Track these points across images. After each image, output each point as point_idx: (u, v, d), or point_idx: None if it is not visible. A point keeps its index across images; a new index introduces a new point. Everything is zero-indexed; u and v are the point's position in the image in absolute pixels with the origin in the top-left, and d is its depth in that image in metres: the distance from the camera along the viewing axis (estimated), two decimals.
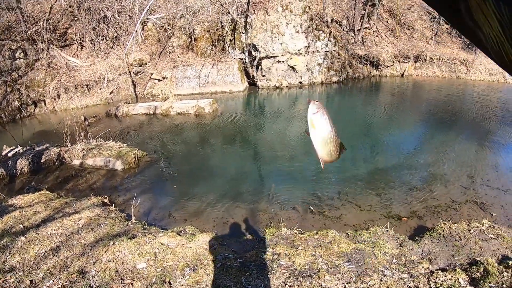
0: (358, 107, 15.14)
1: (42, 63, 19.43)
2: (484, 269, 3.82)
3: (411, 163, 8.70)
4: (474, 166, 8.30)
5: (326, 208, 6.81)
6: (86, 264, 4.62)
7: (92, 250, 4.98)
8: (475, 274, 3.82)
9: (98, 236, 5.41)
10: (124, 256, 4.72)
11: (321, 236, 5.17)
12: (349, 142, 10.68)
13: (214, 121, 14.10)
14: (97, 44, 20.92)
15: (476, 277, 3.74)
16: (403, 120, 12.90)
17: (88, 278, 4.22)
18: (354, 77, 19.85)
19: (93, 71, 19.94)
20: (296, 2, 19.14)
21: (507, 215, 6.17)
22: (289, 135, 11.79)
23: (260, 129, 12.91)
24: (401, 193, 7.22)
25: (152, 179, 8.95)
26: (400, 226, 5.98)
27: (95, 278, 4.23)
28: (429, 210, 6.44)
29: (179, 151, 10.92)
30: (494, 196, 6.80)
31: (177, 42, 21.01)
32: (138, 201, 7.25)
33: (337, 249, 4.70)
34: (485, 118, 12.02)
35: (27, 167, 9.94)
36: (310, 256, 4.54)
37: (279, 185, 8.03)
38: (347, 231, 5.61)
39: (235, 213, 6.85)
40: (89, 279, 4.21)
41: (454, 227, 5.16)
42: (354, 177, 8.20)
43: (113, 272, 4.33)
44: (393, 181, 7.84)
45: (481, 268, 3.88)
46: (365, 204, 6.89)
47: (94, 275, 4.27)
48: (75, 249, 5.04)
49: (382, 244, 4.80)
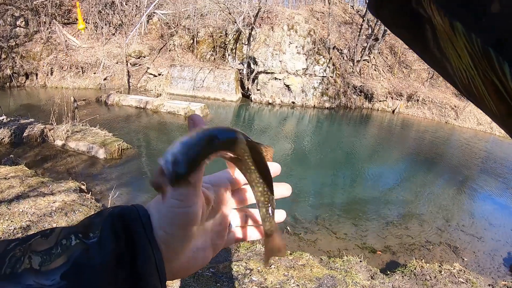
0: (346, 136, 15.32)
1: (41, 36, 19.17)
2: None
3: (390, 198, 8.81)
4: (450, 209, 8.46)
5: (302, 231, 6.82)
6: None
7: None
8: None
9: (71, 222, 5.29)
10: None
11: (295, 257, 5.17)
12: (331, 169, 10.78)
13: None
14: (99, 28, 20.79)
15: None
16: (387, 155, 13.09)
17: None
18: (347, 106, 20.12)
19: (90, 54, 19.75)
20: (302, 23, 19.43)
21: (478, 261, 6.29)
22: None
23: None
24: (377, 226, 7.29)
25: (132, 173, 8.84)
26: (373, 259, 6.03)
27: None
28: (403, 247, 6.52)
29: (163, 150, 10.72)
30: (468, 242, 6.93)
31: (179, 41, 21.02)
32: (116, 193, 7.13)
33: (309, 272, 4.71)
34: (467, 164, 12.31)
35: (8, 138, 9.72)
36: (282, 276, 4.53)
37: None
38: (321, 256, 5.63)
39: None
40: None
41: (426, 266, 5.23)
42: (333, 204, 8.26)
43: None
44: (370, 213, 7.92)
45: None
46: (341, 232, 6.93)
47: None
48: None
49: (354, 274, 4.83)
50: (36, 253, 0.45)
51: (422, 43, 0.38)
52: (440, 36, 0.34)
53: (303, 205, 8.05)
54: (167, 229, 0.50)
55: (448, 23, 0.32)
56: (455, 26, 0.31)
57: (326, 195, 8.88)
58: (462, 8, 0.31)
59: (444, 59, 0.36)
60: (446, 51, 0.34)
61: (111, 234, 0.47)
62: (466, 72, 0.33)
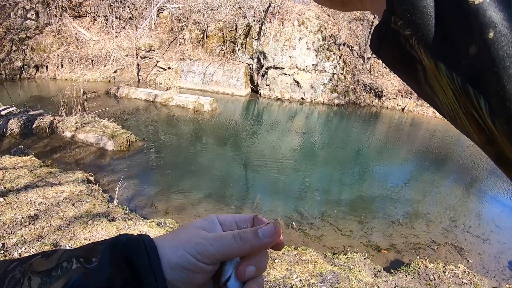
0: (354, 133, 15.25)
1: (52, 28, 19.32)
2: None
3: (396, 197, 8.77)
4: (457, 210, 8.40)
5: (308, 226, 6.82)
6: (62, 238, 4.58)
7: (69, 225, 4.93)
8: None
9: (78, 213, 5.36)
10: (101, 237, 4.68)
11: (299, 252, 5.19)
12: (339, 166, 10.75)
13: (211, 120, 14.09)
14: (109, 21, 20.89)
15: None
16: (395, 154, 13.02)
17: None
18: (356, 103, 20.01)
19: (100, 47, 19.86)
20: (313, 19, 19.31)
21: (483, 263, 6.24)
22: (281, 148, 11.83)
23: (254, 136, 12.94)
24: (383, 224, 7.26)
25: (140, 165, 8.90)
26: (377, 256, 6.01)
27: None
28: (408, 246, 6.49)
29: (171, 143, 10.89)
30: (473, 243, 6.88)
31: (188, 35, 21.02)
32: (123, 185, 7.19)
33: (313, 268, 4.71)
34: (476, 165, 12.19)
35: (17, 128, 9.83)
36: (285, 271, 4.54)
37: (264, 195, 8.05)
38: (325, 252, 5.62)
39: None
40: None
41: (430, 266, 5.21)
42: (339, 201, 8.24)
43: None
44: (376, 211, 7.89)
45: None
46: (346, 229, 6.92)
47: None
48: (53, 221, 4.99)
49: (357, 271, 4.83)
50: (36, 274, 0.45)
51: (416, 81, 0.42)
52: (429, 75, 0.38)
53: (309, 201, 8.05)
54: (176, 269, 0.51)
55: (434, 64, 0.36)
56: (439, 67, 0.36)
57: (333, 191, 8.87)
58: (444, 51, 0.35)
59: (434, 95, 0.40)
60: (435, 88, 0.39)
61: (111, 260, 0.47)
62: (451, 106, 0.38)
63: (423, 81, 0.40)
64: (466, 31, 0.34)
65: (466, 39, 0.34)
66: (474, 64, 0.33)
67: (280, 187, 8.65)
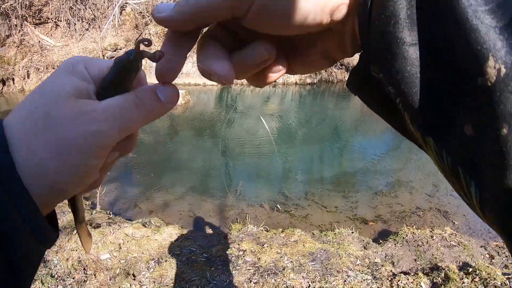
0: (330, 110, 15.30)
1: (14, 39, 18.50)
2: (445, 275, 3.88)
3: (377, 168, 8.82)
4: (438, 174, 8.48)
5: (293, 207, 6.79)
6: (49, 252, 4.42)
7: None
8: (436, 278, 3.87)
9: (61, 224, 5.18)
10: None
11: (287, 234, 5.14)
12: (318, 144, 10.75)
13: (185, 113, 13.87)
14: (72, 25, 20.16)
15: (437, 282, 3.80)
16: (372, 126, 13.11)
17: (50, 267, 4.07)
18: (328, 80, 20.02)
19: (66, 52, 19.17)
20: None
21: (469, 224, 6.34)
22: (259, 132, 11.74)
23: (231, 124, 12.81)
24: (367, 197, 7.29)
25: (119, 168, 8.66)
26: (364, 229, 6.03)
27: (57, 267, 4.08)
28: (394, 215, 6.54)
29: (147, 141, 10.66)
30: (457, 206, 6.97)
31: (154, 29, 20.51)
32: (104, 190, 6.99)
33: (302, 248, 4.68)
34: None
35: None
36: (275, 254, 4.49)
37: (246, 181, 7.96)
38: (312, 231, 5.61)
39: (201, 208, 6.73)
40: (51, 268, 4.06)
41: (417, 232, 5.25)
42: (322, 179, 8.24)
43: (76, 261, 4.19)
44: (359, 184, 7.93)
45: (442, 273, 3.94)
46: (331, 205, 6.91)
47: (56, 264, 4.12)
48: None
49: (347, 246, 4.82)
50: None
51: (399, 125, 0.38)
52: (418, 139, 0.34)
53: (292, 182, 8.02)
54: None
55: (420, 135, 0.31)
56: (426, 141, 0.31)
57: (314, 170, 8.86)
58: (434, 125, 0.30)
59: (422, 146, 0.35)
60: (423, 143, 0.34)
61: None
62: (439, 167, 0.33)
63: (408, 126, 0.34)
64: (466, 112, 0.28)
65: (463, 117, 0.28)
66: (470, 148, 0.28)
67: (262, 171, 8.58)
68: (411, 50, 0.31)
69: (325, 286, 3.81)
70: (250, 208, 6.72)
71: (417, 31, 0.31)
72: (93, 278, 3.92)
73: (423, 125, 0.31)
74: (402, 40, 0.31)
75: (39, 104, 0.38)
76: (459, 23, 0.27)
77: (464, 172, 0.29)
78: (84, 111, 0.38)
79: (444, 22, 0.28)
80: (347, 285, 3.83)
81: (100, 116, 0.39)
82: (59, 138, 0.36)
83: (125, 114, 0.41)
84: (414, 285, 3.78)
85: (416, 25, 0.30)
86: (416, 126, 0.31)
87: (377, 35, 0.33)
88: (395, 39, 0.31)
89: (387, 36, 0.31)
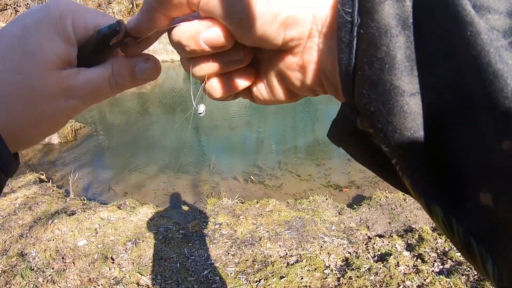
0: None
1: None
2: (419, 236, 3.96)
3: None
4: None
5: (267, 178, 6.77)
6: (26, 245, 4.31)
7: (31, 231, 4.64)
8: (410, 240, 3.95)
9: (36, 215, 5.03)
10: (64, 234, 4.47)
11: (262, 205, 5.12)
12: (290, 113, 10.73)
13: (155, 91, 13.55)
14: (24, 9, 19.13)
15: (412, 243, 3.87)
16: None
17: (29, 260, 3.98)
18: None
19: None
20: None
21: None
22: (230, 105, 11.59)
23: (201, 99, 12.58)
24: (339, 163, 7.34)
25: (90, 152, 8.42)
26: (338, 195, 6.08)
27: (36, 259, 4.00)
28: (367, 180, 6.61)
29: (118, 122, 10.37)
30: None
31: (117, 8, 19.75)
32: (76, 176, 6.77)
33: (278, 217, 4.67)
34: None
35: None
36: (251, 225, 4.47)
37: (219, 155, 7.88)
38: (287, 200, 5.61)
39: (176, 184, 6.63)
40: (30, 261, 3.98)
41: (390, 196, 5.33)
42: (295, 148, 8.24)
43: (54, 251, 4.11)
44: (332, 151, 7.96)
45: (416, 234, 4.02)
46: (305, 174, 6.93)
47: (34, 257, 4.04)
48: (13, 231, 4.66)
49: (321, 212, 4.84)
50: None
51: (394, 181, 0.32)
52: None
53: (265, 153, 7.98)
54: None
55: (424, 204, 0.26)
56: (432, 209, 0.26)
57: (287, 140, 8.84)
58: (442, 193, 0.25)
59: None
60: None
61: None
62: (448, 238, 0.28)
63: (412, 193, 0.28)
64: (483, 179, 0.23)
65: (478, 184, 0.23)
66: (487, 219, 0.23)
67: (235, 144, 8.51)
68: (412, 102, 0.23)
69: (302, 253, 3.82)
70: (224, 182, 6.67)
71: (418, 76, 0.23)
72: (72, 266, 3.84)
73: (428, 193, 0.25)
74: (400, 90, 0.23)
75: (22, 70, 0.37)
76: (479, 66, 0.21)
77: (479, 246, 0.23)
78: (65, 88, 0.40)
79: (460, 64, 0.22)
80: (323, 250, 3.85)
81: (77, 93, 0.41)
82: (38, 111, 0.39)
83: (100, 91, 0.43)
84: (389, 247, 3.84)
85: (416, 69, 0.22)
86: (418, 194, 0.26)
87: (366, 84, 0.25)
88: (392, 89, 0.23)
89: (381, 87, 0.23)
